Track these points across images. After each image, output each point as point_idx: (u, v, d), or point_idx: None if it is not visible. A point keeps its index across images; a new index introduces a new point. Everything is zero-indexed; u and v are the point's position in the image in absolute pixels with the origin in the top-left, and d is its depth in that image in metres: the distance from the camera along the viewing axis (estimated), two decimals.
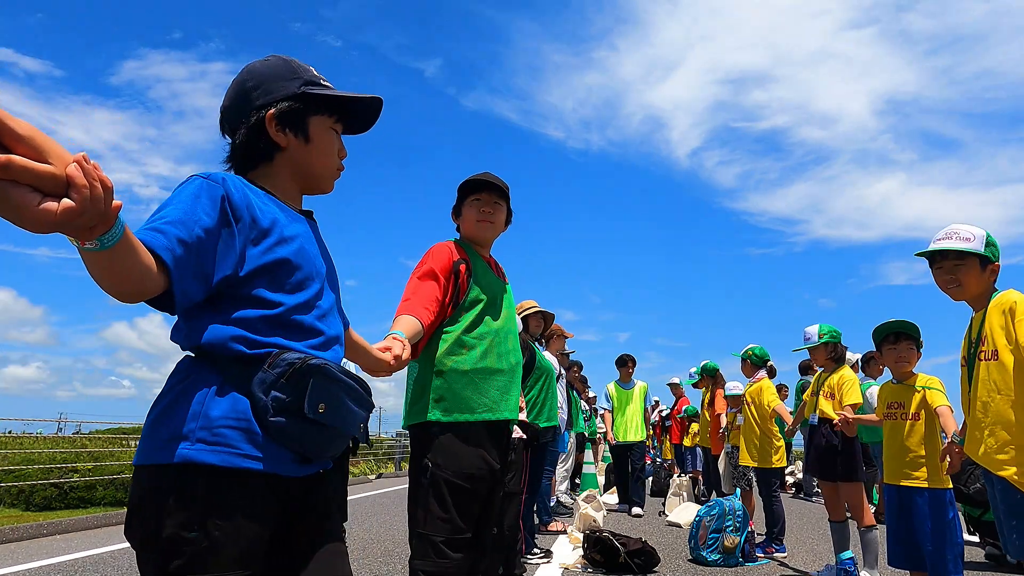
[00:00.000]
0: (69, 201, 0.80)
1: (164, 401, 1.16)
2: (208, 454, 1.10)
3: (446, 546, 2.10)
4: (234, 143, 1.34)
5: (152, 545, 1.10)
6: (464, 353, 2.23)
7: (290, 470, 1.19)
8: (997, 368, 2.31)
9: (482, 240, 2.45)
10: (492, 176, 2.39)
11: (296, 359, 1.16)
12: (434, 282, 2.22)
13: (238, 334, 1.16)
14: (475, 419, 2.19)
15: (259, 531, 1.15)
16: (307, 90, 1.33)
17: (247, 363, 1.16)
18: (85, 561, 4.89)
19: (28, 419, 18.96)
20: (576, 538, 5.49)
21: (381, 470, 16.06)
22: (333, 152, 1.40)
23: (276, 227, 1.23)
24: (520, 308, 4.89)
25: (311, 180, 1.39)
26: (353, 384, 1.23)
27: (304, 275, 1.26)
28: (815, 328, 4.52)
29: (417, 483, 2.17)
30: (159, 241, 1.04)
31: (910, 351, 3.31)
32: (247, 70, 1.35)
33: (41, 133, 0.80)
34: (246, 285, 1.19)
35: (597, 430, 13.36)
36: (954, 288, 2.50)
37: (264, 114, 1.30)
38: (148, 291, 1.03)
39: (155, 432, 1.13)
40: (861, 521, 4.10)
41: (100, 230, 0.87)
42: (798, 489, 10.95)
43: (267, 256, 1.20)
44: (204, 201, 1.13)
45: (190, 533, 1.08)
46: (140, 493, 1.13)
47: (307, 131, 1.34)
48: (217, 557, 1.09)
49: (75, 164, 0.81)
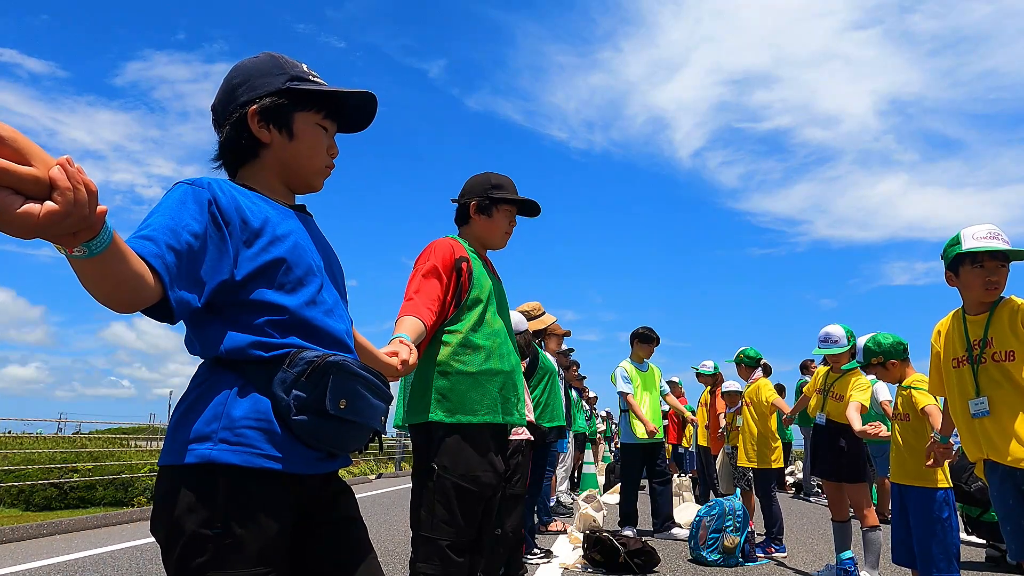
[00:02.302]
0: (52, 204, 0.79)
1: (186, 403, 1.17)
2: (230, 454, 1.11)
3: (451, 550, 2.10)
4: (220, 142, 1.33)
5: (176, 542, 1.11)
6: (470, 354, 2.22)
7: (313, 467, 1.20)
8: (1015, 368, 2.33)
9: (496, 248, 2.50)
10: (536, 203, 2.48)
11: (315, 357, 1.16)
12: (437, 280, 2.20)
13: (254, 340, 1.17)
14: (478, 420, 2.18)
15: (280, 529, 1.16)
16: (292, 85, 1.31)
17: (266, 364, 1.17)
18: (85, 561, 4.89)
19: (28, 419, 18.95)
20: (576, 538, 5.49)
21: (381, 470, 16.05)
22: (320, 149, 1.36)
23: (268, 226, 1.22)
24: (528, 311, 4.85)
25: (298, 177, 1.37)
26: (371, 377, 1.24)
27: (303, 272, 1.25)
28: (840, 331, 4.32)
29: (422, 486, 2.16)
30: (148, 249, 1.02)
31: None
32: (235, 67, 1.34)
33: (23, 136, 0.79)
34: (245, 288, 1.18)
35: (597, 430, 13.35)
36: (993, 290, 2.41)
37: (247, 110, 1.29)
38: (144, 300, 1.01)
39: (178, 434, 1.14)
40: (864, 521, 4.11)
41: (85, 236, 0.86)
42: (798, 489, 10.95)
43: (262, 257, 1.19)
44: (191, 206, 1.12)
45: (212, 530, 1.09)
46: (164, 492, 1.15)
47: (291, 127, 1.32)
48: (239, 554, 1.10)
49: (58, 167, 0.80)
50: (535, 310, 4.91)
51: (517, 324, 4.18)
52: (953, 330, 2.58)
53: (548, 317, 4.97)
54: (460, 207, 2.49)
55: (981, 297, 2.45)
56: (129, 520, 7.43)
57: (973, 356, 2.46)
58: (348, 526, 1.31)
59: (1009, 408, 2.34)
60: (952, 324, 2.60)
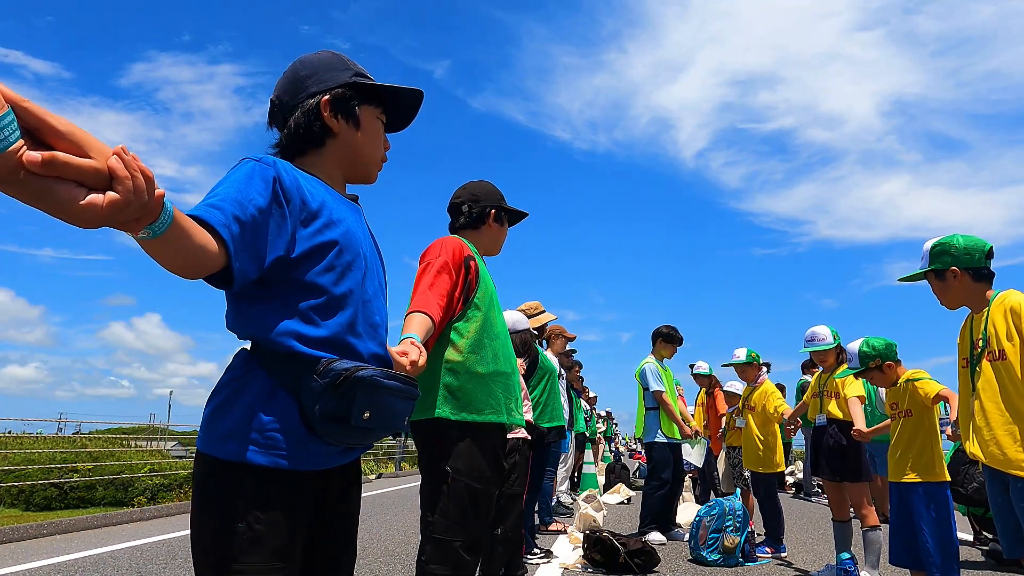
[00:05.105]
0: (114, 194, 0.81)
1: (221, 396, 1.22)
2: (259, 455, 1.17)
3: (464, 550, 2.13)
4: (288, 128, 1.38)
5: (205, 531, 1.18)
6: (480, 355, 2.23)
7: (334, 460, 1.28)
8: (1005, 368, 2.33)
9: (494, 255, 2.59)
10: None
11: (344, 369, 1.19)
12: (448, 276, 2.22)
13: (291, 329, 1.20)
14: (483, 420, 2.19)
15: (298, 526, 1.23)
16: (357, 80, 1.40)
17: (299, 363, 1.20)
18: (85, 561, 4.88)
19: (28, 419, 18.99)
20: (576, 538, 5.49)
21: (381, 470, 16.06)
22: (380, 141, 1.47)
23: (325, 209, 1.27)
24: (526, 309, 4.85)
25: (358, 167, 1.45)
26: (399, 385, 1.27)
27: (352, 256, 1.29)
28: (825, 330, 4.50)
29: (436, 489, 2.16)
30: (216, 217, 1.06)
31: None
32: (300, 61, 1.42)
33: (80, 128, 0.80)
34: (297, 268, 1.22)
35: (597, 430, 13.35)
36: (942, 302, 2.64)
37: (320, 99, 1.37)
38: (208, 268, 1.06)
39: (212, 425, 1.21)
40: (864, 521, 4.11)
41: (147, 220, 0.88)
42: (798, 489, 10.95)
43: (317, 238, 1.24)
44: (257, 182, 1.16)
45: (237, 525, 1.16)
46: (198, 478, 1.22)
47: (357, 118, 1.41)
48: (259, 549, 1.16)
49: (115, 156, 0.81)
50: (533, 309, 4.91)
51: (517, 322, 4.19)
52: (964, 328, 2.60)
53: (546, 316, 4.97)
54: (469, 211, 2.50)
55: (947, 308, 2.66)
56: (129, 520, 7.42)
57: (973, 356, 2.47)
58: (347, 521, 1.38)
59: (994, 408, 2.34)
60: (964, 323, 2.62)
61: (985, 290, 2.52)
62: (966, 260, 2.53)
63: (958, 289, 2.55)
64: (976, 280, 2.52)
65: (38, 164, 0.75)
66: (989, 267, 2.55)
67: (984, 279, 2.53)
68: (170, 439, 20.98)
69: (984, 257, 2.54)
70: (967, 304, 2.56)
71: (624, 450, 22.83)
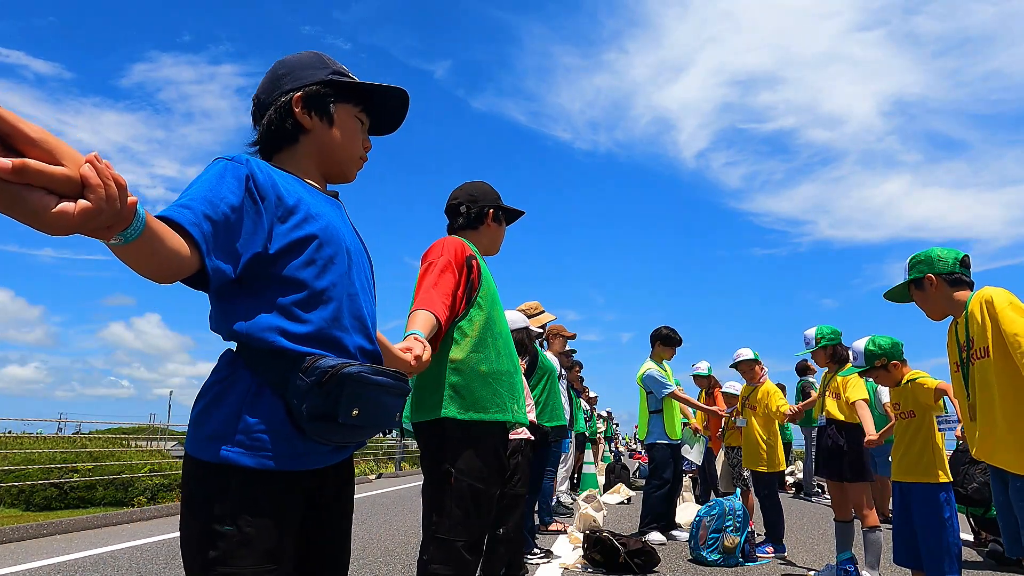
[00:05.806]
0: (85, 202, 0.81)
1: (206, 398, 1.21)
2: (245, 457, 1.16)
3: (466, 550, 2.13)
4: (262, 126, 1.39)
5: (191, 532, 1.18)
6: (484, 353, 2.23)
7: (325, 460, 1.27)
8: (993, 364, 2.33)
9: (493, 255, 2.59)
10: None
11: (330, 367, 1.18)
12: (452, 275, 2.22)
13: (274, 324, 1.20)
14: (488, 419, 2.19)
15: (288, 527, 1.22)
16: (334, 78, 1.40)
17: (284, 360, 1.19)
18: (85, 561, 4.88)
19: (28, 419, 19.00)
20: (576, 538, 5.49)
21: (381, 470, 16.05)
22: (356, 138, 1.45)
23: (302, 205, 1.26)
24: (526, 309, 4.85)
25: (334, 165, 1.44)
26: (388, 381, 1.26)
27: (333, 250, 1.29)
28: (812, 332, 4.57)
29: (439, 489, 2.16)
30: (186, 217, 1.06)
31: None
32: (280, 61, 1.43)
33: (52, 135, 0.80)
34: (276, 263, 1.21)
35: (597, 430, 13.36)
36: (927, 313, 2.69)
37: (292, 96, 1.37)
38: (183, 270, 1.05)
39: (199, 428, 1.20)
40: (865, 521, 4.11)
41: (120, 227, 0.88)
42: (798, 489, 10.95)
43: (295, 233, 1.23)
44: (229, 180, 1.16)
45: (225, 527, 1.15)
46: (186, 479, 1.22)
47: (331, 115, 1.40)
48: (249, 551, 1.16)
49: (88, 164, 0.81)
50: (532, 309, 4.91)
51: (517, 322, 4.19)
52: (951, 334, 2.62)
53: (546, 316, 4.97)
54: (467, 211, 2.49)
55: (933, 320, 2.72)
56: (129, 520, 7.42)
57: (962, 358, 2.49)
58: (342, 520, 1.38)
59: (990, 407, 2.35)
60: (949, 329, 2.64)
61: (964, 296, 2.55)
62: (940, 266, 2.61)
63: (936, 296, 2.61)
64: (952, 286, 2.58)
65: (9, 171, 0.75)
66: (966, 275, 2.60)
67: (960, 285, 2.58)
68: (170, 439, 20.95)
69: (958, 264, 2.60)
70: (949, 311, 2.61)
71: (624, 450, 22.84)
